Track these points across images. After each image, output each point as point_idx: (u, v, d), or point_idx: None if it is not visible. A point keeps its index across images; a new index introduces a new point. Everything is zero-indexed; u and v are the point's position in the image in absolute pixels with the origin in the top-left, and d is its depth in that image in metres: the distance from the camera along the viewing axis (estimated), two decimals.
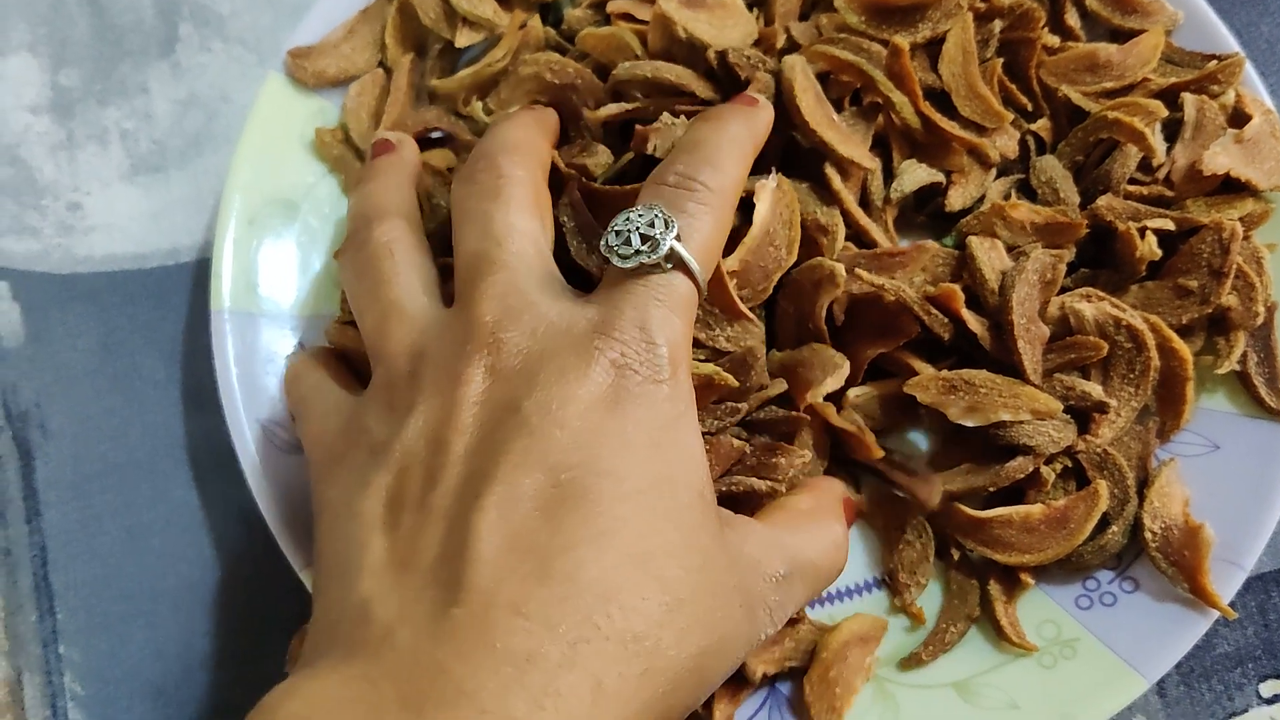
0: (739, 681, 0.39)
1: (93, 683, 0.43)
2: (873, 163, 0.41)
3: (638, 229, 0.33)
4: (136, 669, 0.43)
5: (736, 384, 0.38)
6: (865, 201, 0.42)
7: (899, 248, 0.41)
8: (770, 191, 0.39)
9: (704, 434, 0.35)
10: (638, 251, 0.33)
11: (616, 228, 0.33)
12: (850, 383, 0.41)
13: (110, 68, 0.50)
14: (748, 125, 0.38)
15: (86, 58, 0.50)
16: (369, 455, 0.33)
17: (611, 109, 0.41)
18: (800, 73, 0.40)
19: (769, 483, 0.38)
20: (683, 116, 0.40)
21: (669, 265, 0.33)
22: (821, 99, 0.41)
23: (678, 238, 0.33)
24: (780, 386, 0.40)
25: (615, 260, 0.33)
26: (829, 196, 0.41)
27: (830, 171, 0.41)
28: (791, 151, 0.42)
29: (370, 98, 0.46)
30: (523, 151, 0.38)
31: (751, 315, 0.39)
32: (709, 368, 0.37)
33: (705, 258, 0.34)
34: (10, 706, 0.43)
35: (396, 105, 0.46)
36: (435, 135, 0.46)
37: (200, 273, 0.48)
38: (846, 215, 0.41)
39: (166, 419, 0.46)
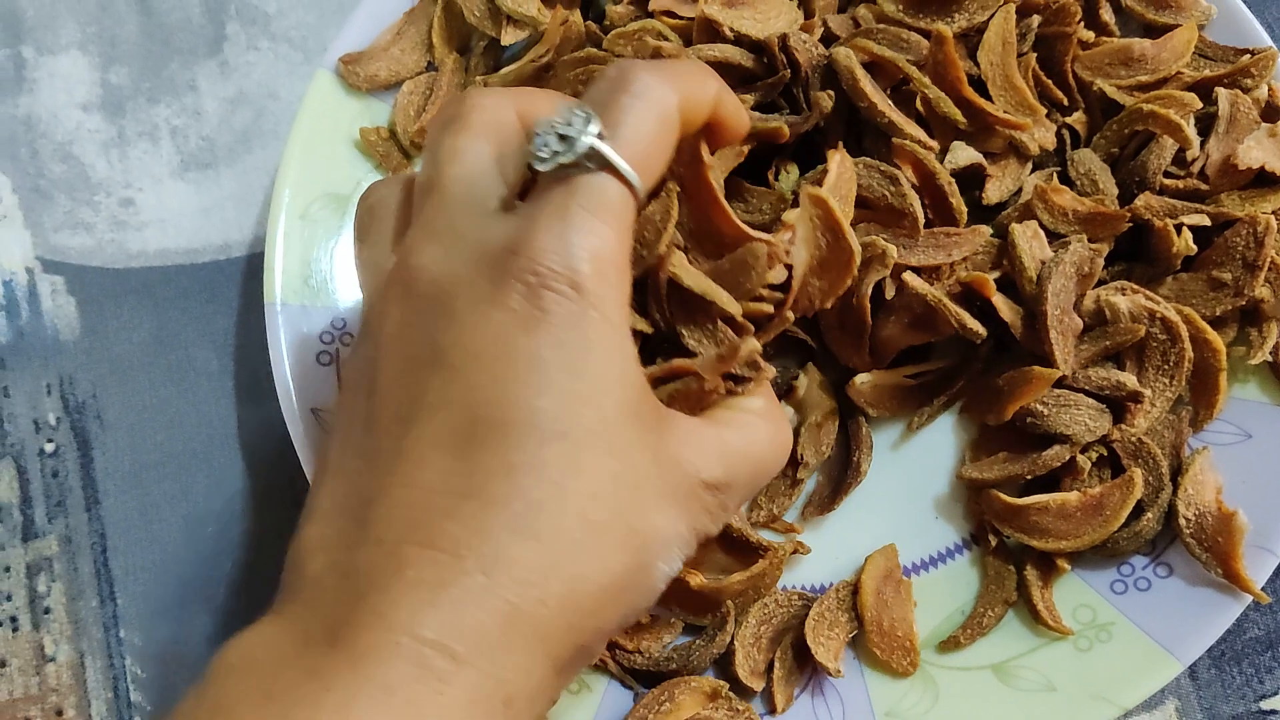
0: (801, 661, 0.41)
1: (153, 665, 0.44)
2: (934, 142, 0.42)
3: (555, 129, 0.30)
4: (195, 652, 0.44)
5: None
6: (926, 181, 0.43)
7: (957, 229, 0.42)
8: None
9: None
10: (555, 153, 0.30)
11: (537, 130, 0.31)
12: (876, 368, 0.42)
13: (159, 66, 0.51)
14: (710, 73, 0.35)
15: (136, 56, 0.51)
16: (341, 391, 0.34)
17: None
18: (856, 61, 0.41)
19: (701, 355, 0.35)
20: None
21: (592, 166, 0.30)
22: (875, 85, 0.42)
23: (601, 136, 0.30)
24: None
25: (536, 165, 0.30)
26: (895, 178, 0.41)
27: (899, 145, 0.41)
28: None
29: (419, 97, 0.47)
30: (498, 93, 0.35)
31: (758, 235, 0.35)
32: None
33: (640, 158, 0.31)
34: (74, 689, 0.44)
35: (441, 103, 0.47)
36: None
37: (250, 267, 0.49)
38: (925, 185, 0.42)
39: (220, 409, 0.47)
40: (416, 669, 0.26)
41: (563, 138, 0.30)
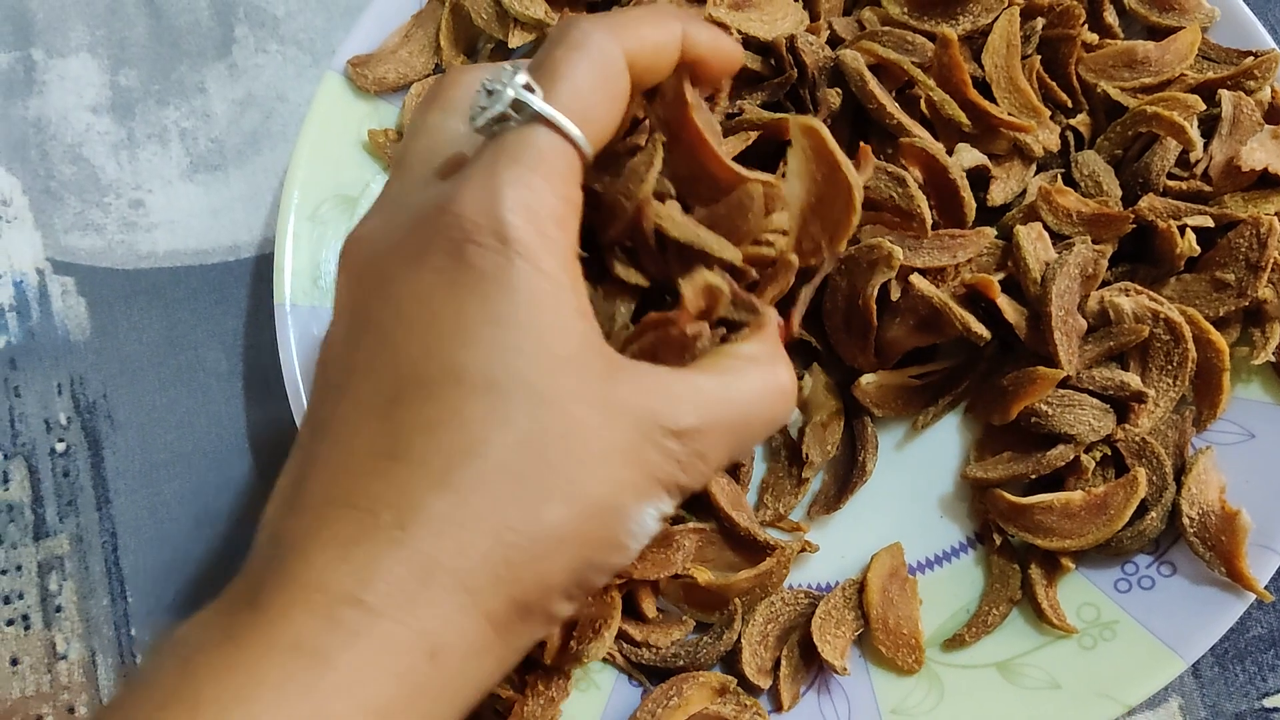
0: (808, 659, 0.41)
1: None
2: (939, 145, 0.43)
3: (485, 85, 0.30)
4: None
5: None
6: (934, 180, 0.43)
7: (962, 231, 0.42)
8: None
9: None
10: (483, 109, 0.30)
11: (475, 91, 0.31)
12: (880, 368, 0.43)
13: (168, 68, 0.52)
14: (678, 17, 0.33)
15: (145, 59, 0.52)
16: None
17: None
18: (863, 63, 0.42)
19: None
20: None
21: (519, 118, 0.29)
22: (883, 88, 0.42)
23: (528, 87, 0.29)
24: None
25: (473, 126, 0.30)
26: (902, 179, 0.41)
27: (905, 145, 0.42)
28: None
29: None
30: (474, 68, 0.34)
31: (754, 175, 0.33)
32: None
33: (578, 108, 0.30)
34: (85, 686, 0.45)
35: None
36: None
37: (260, 268, 0.49)
38: (933, 184, 0.42)
39: (230, 409, 0.48)
40: (327, 622, 0.26)
41: (490, 93, 0.30)
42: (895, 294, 0.41)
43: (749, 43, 0.43)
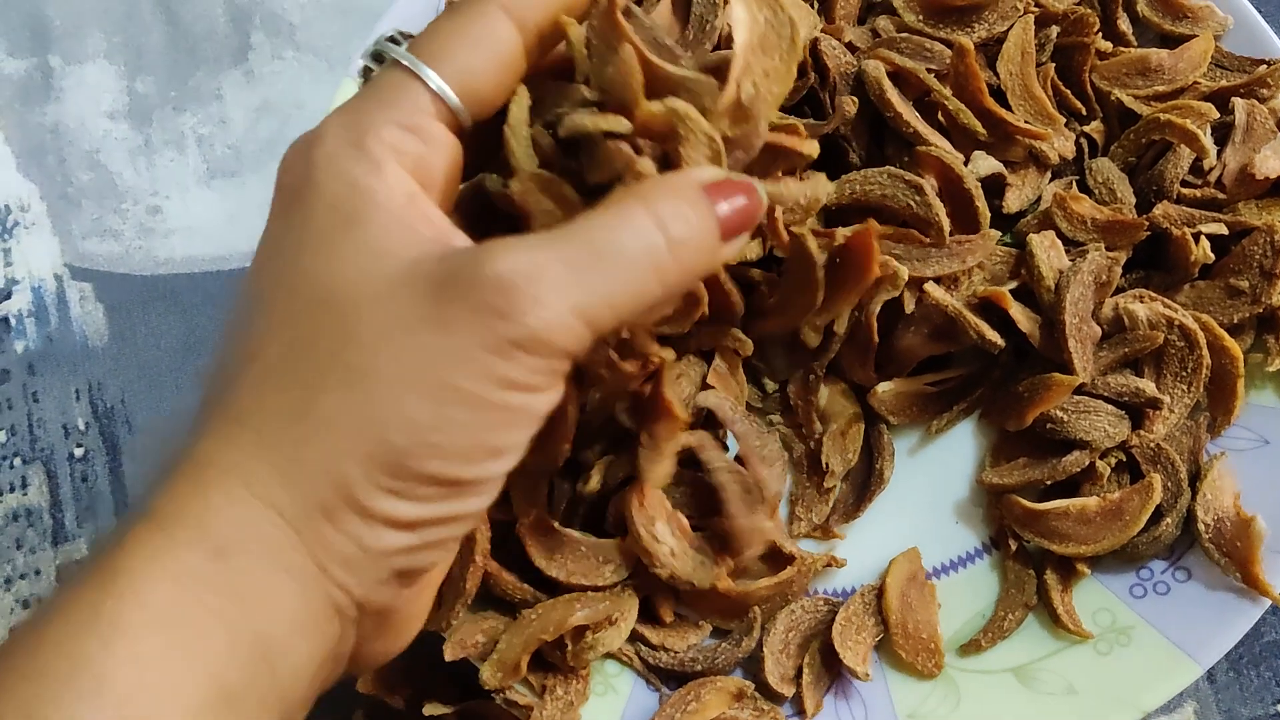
0: (829, 665, 0.41)
1: None
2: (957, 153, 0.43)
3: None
4: None
5: None
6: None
7: (968, 236, 0.42)
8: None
9: None
10: (362, 63, 0.32)
11: None
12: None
13: (185, 75, 0.52)
14: None
15: (162, 65, 0.52)
16: None
17: None
18: (884, 72, 0.42)
19: None
20: None
21: (375, 66, 0.31)
22: (902, 96, 0.43)
23: (394, 39, 0.31)
24: None
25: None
26: (919, 187, 0.42)
27: (922, 153, 0.42)
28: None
29: None
30: None
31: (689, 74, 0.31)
32: None
33: (435, 50, 0.30)
34: None
35: None
36: None
37: None
38: (948, 191, 0.42)
39: None
40: (119, 542, 0.27)
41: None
42: (910, 306, 0.42)
43: None
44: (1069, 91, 0.45)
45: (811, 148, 0.34)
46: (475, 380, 0.27)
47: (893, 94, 0.42)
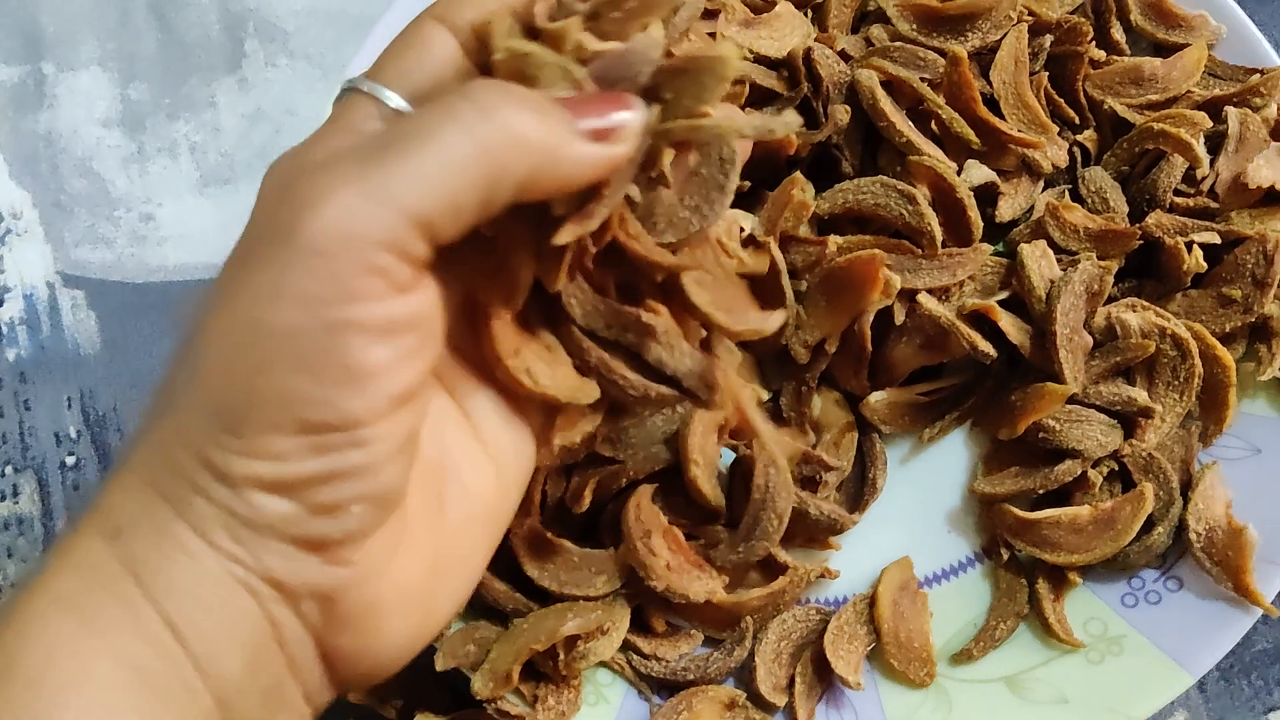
0: (820, 674, 0.41)
1: None
2: (950, 161, 0.43)
3: None
4: None
5: None
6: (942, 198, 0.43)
7: (960, 249, 0.42)
8: None
9: None
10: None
11: None
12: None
13: (178, 82, 0.52)
14: None
15: (155, 72, 0.52)
16: None
17: None
18: (877, 81, 0.42)
19: None
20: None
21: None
22: (895, 105, 0.43)
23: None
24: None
25: None
26: (912, 197, 0.42)
27: (914, 163, 0.42)
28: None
29: None
30: None
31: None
32: None
33: (382, 70, 0.30)
34: None
35: None
36: None
37: None
38: (940, 201, 0.42)
39: None
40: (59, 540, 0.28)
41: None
42: (900, 317, 0.42)
43: (759, 61, 0.43)
44: (1062, 100, 0.45)
45: (728, 49, 0.30)
46: (283, 309, 0.26)
47: (886, 103, 0.42)
